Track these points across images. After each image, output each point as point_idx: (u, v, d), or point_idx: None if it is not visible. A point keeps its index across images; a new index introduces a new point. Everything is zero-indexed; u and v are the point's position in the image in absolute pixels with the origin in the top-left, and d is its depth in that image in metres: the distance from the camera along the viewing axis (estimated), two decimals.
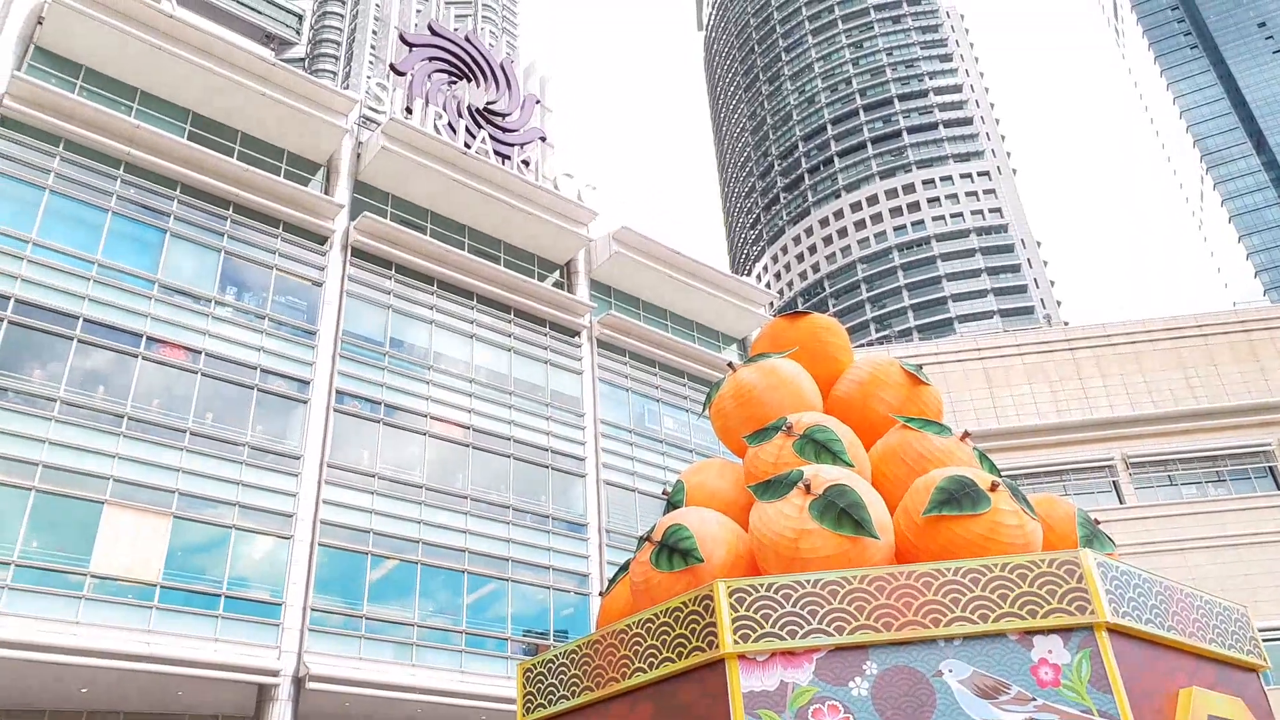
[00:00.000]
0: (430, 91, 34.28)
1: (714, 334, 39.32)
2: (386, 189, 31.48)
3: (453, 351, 30.43)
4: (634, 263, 36.10)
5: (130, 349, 23.87)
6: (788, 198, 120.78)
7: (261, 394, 25.58)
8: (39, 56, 26.01)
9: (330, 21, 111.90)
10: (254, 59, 29.25)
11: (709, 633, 5.11)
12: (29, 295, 22.91)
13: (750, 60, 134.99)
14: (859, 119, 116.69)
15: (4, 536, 20.48)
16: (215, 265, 26.56)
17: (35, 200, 24.18)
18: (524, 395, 31.15)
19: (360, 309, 28.89)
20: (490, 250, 33.53)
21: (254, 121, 28.89)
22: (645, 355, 35.66)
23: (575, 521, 30.19)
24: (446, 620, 26.05)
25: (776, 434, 6.48)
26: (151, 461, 22.90)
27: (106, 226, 25.08)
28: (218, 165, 27.13)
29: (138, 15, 26.99)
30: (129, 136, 25.88)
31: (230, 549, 23.26)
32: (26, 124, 24.68)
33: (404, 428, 27.96)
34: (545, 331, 33.17)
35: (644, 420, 34.50)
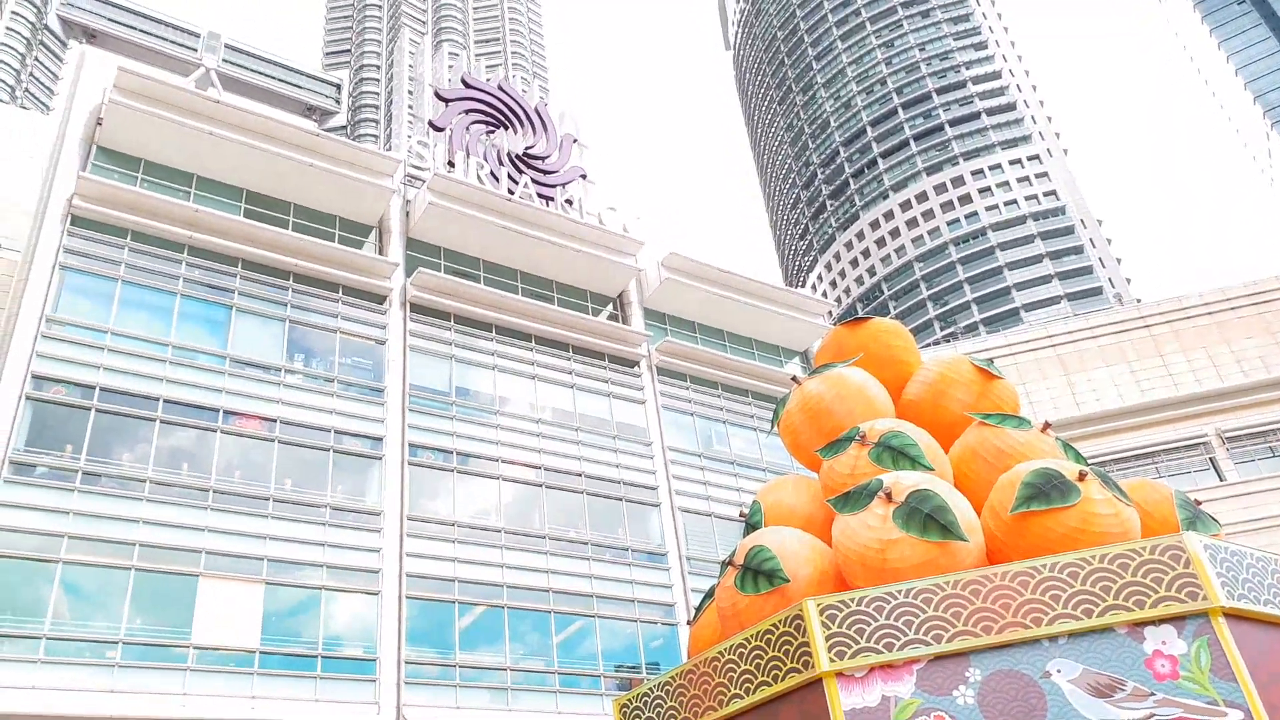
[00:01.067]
0: (470, 143, 34.92)
1: (774, 349, 39.07)
2: (438, 243, 32.07)
3: (517, 394, 30.72)
4: (685, 287, 36.13)
5: (209, 424, 24.58)
6: (834, 204, 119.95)
7: (337, 455, 26.09)
8: (101, 155, 27.17)
9: (367, 87, 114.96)
10: (299, 133, 30.17)
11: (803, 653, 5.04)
12: (112, 383, 23.77)
13: (781, 73, 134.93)
14: (898, 117, 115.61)
15: (110, 615, 21.13)
16: (281, 335, 27.27)
17: (109, 292, 25.15)
18: (590, 430, 31.27)
19: (424, 362, 29.36)
20: (543, 291, 33.88)
21: (305, 192, 29.72)
22: (706, 378, 35.56)
23: (654, 552, 30.09)
24: (538, 661, 26.09)
25: (850, 444, 6.40)
26: (239, 531, 23.47)
27: (176, 309, 25.95)
28: (275, 239, 27.95)
29: (187, 105, 28.08)
30: (190, 221, 26.82)
31: (322, 609, 23.65)
32: (95, 220, 25.74)
33: (477, 474, 28.25)
34: (605, 365, 33.31)
35: (712, 443, 34.34)
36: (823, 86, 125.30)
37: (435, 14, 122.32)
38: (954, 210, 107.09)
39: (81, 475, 22.39)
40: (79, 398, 23.28)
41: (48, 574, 21.02)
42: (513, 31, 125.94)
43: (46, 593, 20.82)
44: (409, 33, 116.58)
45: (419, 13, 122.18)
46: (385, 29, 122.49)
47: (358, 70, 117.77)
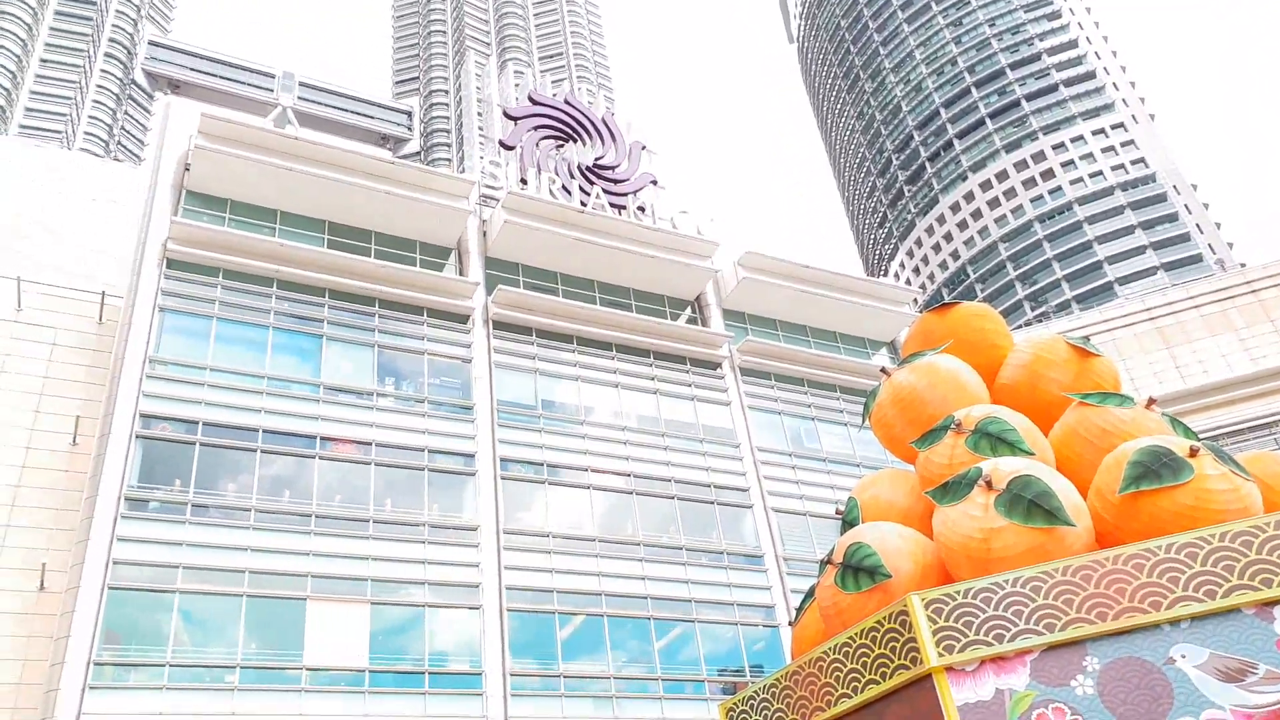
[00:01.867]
0: (540, 159, 35.35)
1: (859, 341, 38.46)
2: (515, 259, 32.51)
3: (601, 403, 30.91)
4: (764, 285, 35.86)
5: (307, 451, 25.35)
6: (912, 190, 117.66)
7: (432, 473, 26.62)
8: (190, 199, 28.34)
9: (437, 112, 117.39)
10: (375, 162, 30.99)
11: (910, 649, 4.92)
12: (213, 417, 24.73)
13: (848, 61, 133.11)
14: (972, 97, 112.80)
15: (226, 641, 21.94)
16: (371, 360, 27.99)
17: (206, 329, 26.19)
18: (677, 435, 31.24)
19: (509, 377, 29.78)
20: (621, 299, 34.04)
21: (385, 220, 30.47)
22: (792, 375, 35.19)
23: (750, 554, 29.87)
24: (641, 668, 26.14)
25: (946, 433, 6.25)
26: (343, 553, 24.14)
27: (269, 341, 26.87)
28: (359, 267, 28.72)
29: (267, 144, 29.11)
30: (277, 256, 27.75)
31: (426, 626, 24.14)
32: (189, 262, 26.84)
33: (568, 484, 28.49)
34: (687, 368, 33.26)
35: (802, 441, 33.95)
36: (891, 72, 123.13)
37: (499, 34, 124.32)
38: (1037, 187, 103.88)
39: (191, 507, 23.33)
40: (184, 433, 24.27)
41: (166, 604, 21.93)
42: (575, 44, 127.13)
43: (166, 622, 21.72)
44: (474, 55, 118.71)
45: (482, 34, 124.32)
46: (451, 53, 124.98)
47: (427, 96, 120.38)
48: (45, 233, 28.50)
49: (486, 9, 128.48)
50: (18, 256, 26.88)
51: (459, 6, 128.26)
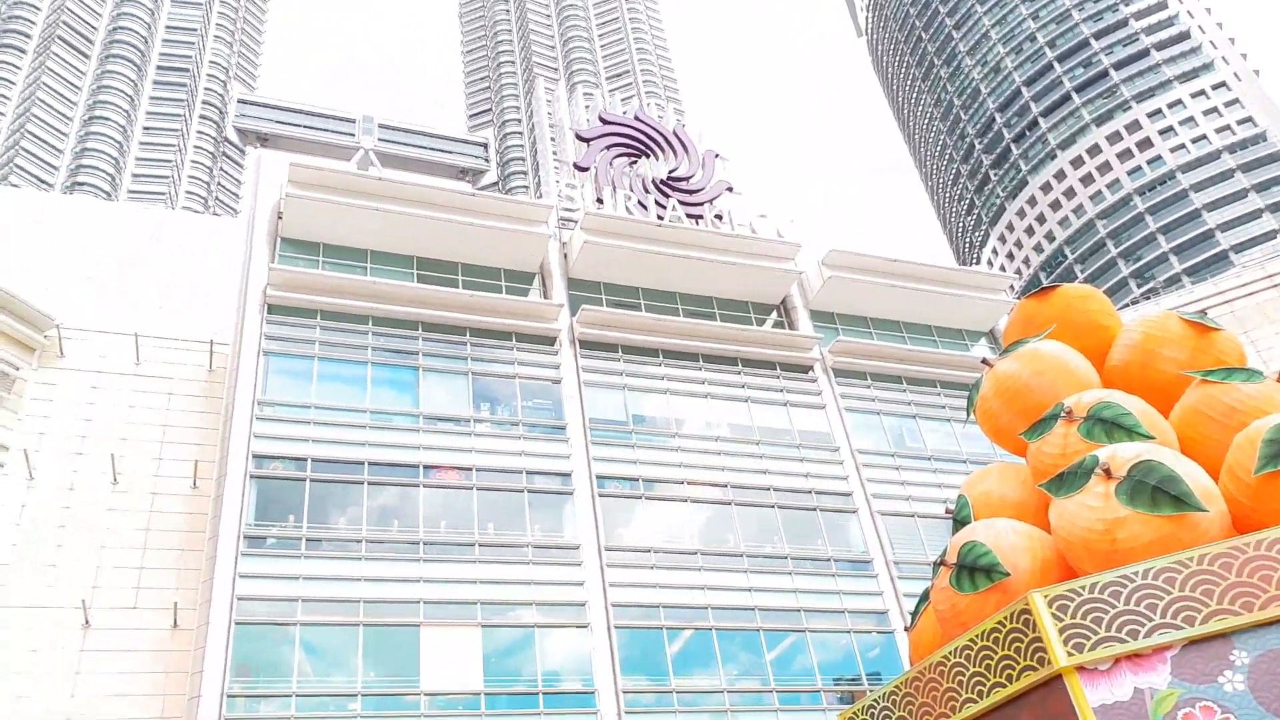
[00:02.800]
0: (615, 177, 35.59)
1: (956, 334, 37.47)
2: (597, 278, 32.75)
3: (692, 415, 30.80)
4: (851, 282, 35.27)
5: (411, 480, 25.94)
6: (998, 174, 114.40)
7: (531, 495, 26.92)
8: (285, 246, 29.44)
9: (512, 141, 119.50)
10: (456, 196, 31.74)
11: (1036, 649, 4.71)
12: (321, 453, 25.52)
13: (920, 49, 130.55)
14: (1054, 72, 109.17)
15: (346, 670, 22.54)
16: (466, 387, 28.53)
17: (308, 370, 27.11)
18: (772, 442, 30.89)
19: (599, 395, 29.94)
20: (705, 309, 33.92)
21: (469, 250, 31.09)
22: (888, 373, 34.47)
23: (858, 559, 29.27)
24: (754, 680, 25.83)
25: (1056, 422, 6.00)
26: (452, 578, 24.56)
27: (369, 377, 27.64)
28: (447, 298, 29.35)
29: (353, 187, 30.09)
30: (370, 293, 28.57)
31: (537, 646, 24.35)
32: (288, 306, 27.85)
33: (665, 498, 28.43)
34: (777, 374, 32.90)
35: (904, 441, 33.17)
36: (967, 55, 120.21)
37: (565, 58, 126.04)
38: (1133, 158, 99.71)
39: (305, 541, 24.09)
40: (295, 470, 25.10)
41: (289, 636, 22.66)
42: (641, 59, 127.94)
43: (290, 653, 22.44)
44: (543, 81, 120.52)
45: (549, 60, 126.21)
46: (521, 82, 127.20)
47: (501, 126, 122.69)
48: (157, 288, 29.95)
49: (552, 35, 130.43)
50: (134, 313, 28.28)
51: (525, 36, 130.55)
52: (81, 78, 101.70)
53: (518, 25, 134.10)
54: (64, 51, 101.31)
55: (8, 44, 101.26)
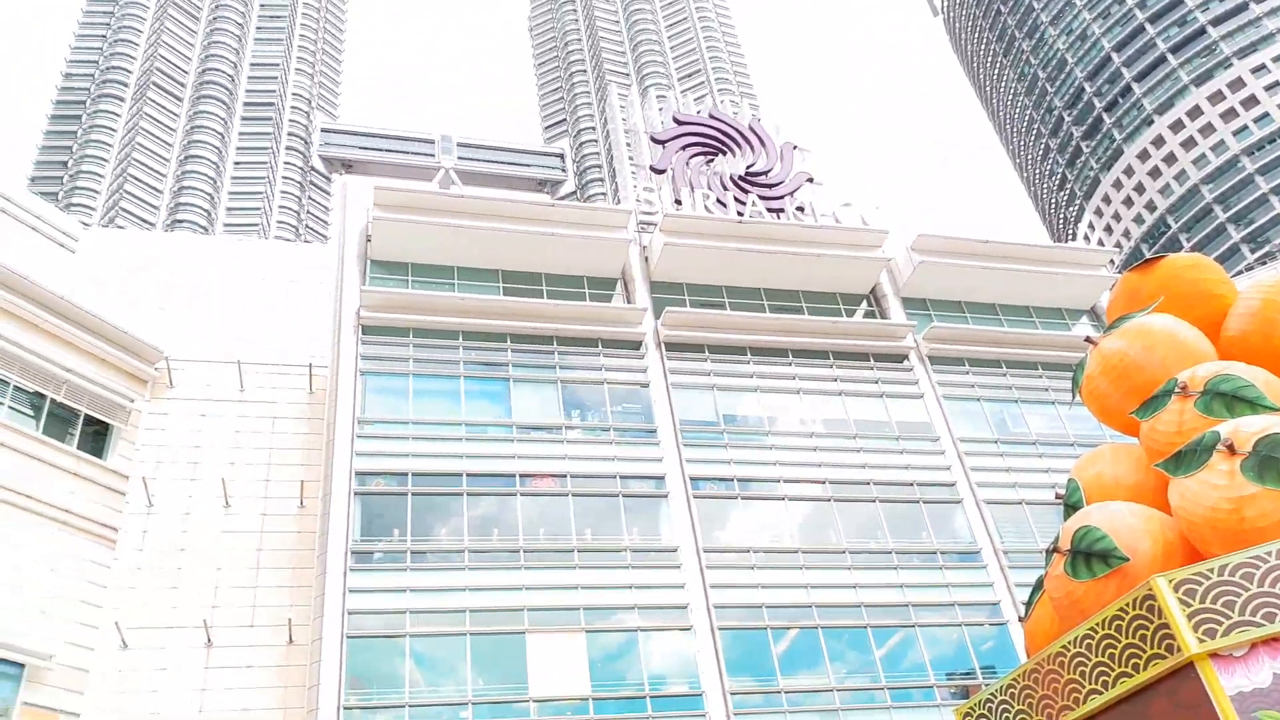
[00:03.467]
0: (692, 177, 35.50)
1: (1056, 313, 36.20)
2: (680, 280, 32.70)
3: (784, 412, 30.47)
4: (942, 267, 34.41)
5: (508, 489, 26.32)
6: (1090, 145, 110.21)
7: (626, 499, 27.02)
8: (375, 268, 30.26)
9: (588, 150, 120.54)
10: (536, 207, 32.16)
11: (1163, 636, 4.48)
12: (421, 467, 26.11)
13: (1000, 23, 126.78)
14: (1147, 34, 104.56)
15: (457, 679, 22.98)
16: (556, 396, 28.83)
17: (404, 387, 27.80)
18: (869, 435, 30.32)
19: (688, 397, 29.87)
20: (791, 303, 33.52)
21: (552, 260, 31.42)
22: (986, 358, 33.50)
23: (965, 550, 28.50)
24: (863, 678, 25.38)
25: (1170, 398, 5.71)
26: (553, 585, 24.82)
27: (462, 390, 28.18)
28: (533, 309, 29.74)
29: (437, 206, 30.76)
30: (459, 309, 29.14)
31: (641, 650, 24.41)
32: (382, 326, 28.61)
33: (762, 497, 28.18)
34: (870, 365, 32.29)
35: (1007, 426, 32.15)
36: (1050, 25, 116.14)
37: (636, 63, 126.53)
38: (1238, 117, 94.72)
39: (410, 554, 24.66)
40: (396, 485, 25.75)
41: (399, 648, 23.23)
42: (712, 57, 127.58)
43: (400, 665, 22.99)
44: (616, 87, 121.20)
45: (620, 66, 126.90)
46: (593, 90, 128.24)
47: (576, 136, 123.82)
48: (256, 316, 31.11)
49: (622, 41, 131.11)
50: (238, 342, 29.45)
51: (595, 44, 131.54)
52: (175, 119, 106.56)
53: (587, 34, 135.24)
54: (159, 96, 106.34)
55: (108, 94, 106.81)
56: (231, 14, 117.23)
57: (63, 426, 24.92)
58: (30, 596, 21.84)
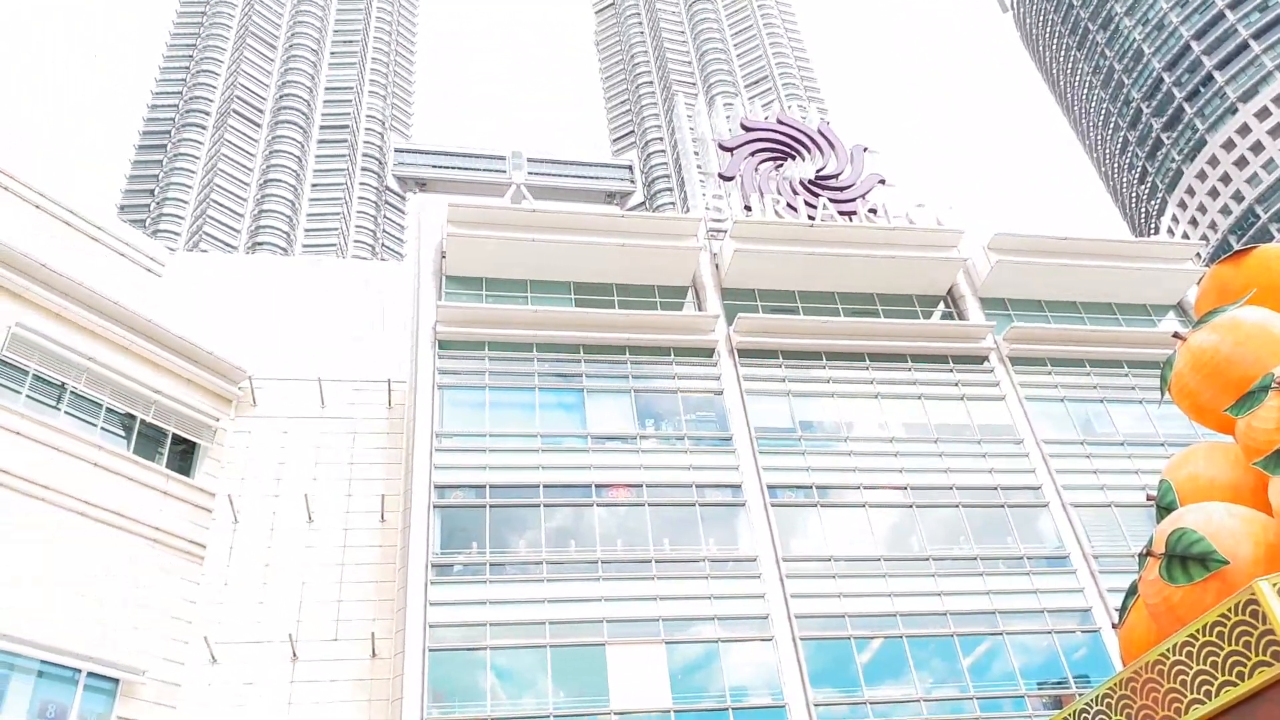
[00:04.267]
0: (761, 182, 35.32)
1: (1140, 309, 34.99)
2: (751, 286, 32.52)
3: (862, 417, 30.01)
4: (1020, 266, 33.57)
5: (585, 500, 26.43)
6: (1171, 136, 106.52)
7: (703, 508, 26.90)
8: (450, 283, 30.78)
9: (656, 160, 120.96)
10: (606, 219, 32.41)
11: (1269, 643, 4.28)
12: (498, 479, 26.41)
13: (1072, 16, 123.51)
14: (1227, 20, 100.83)
15: (537, 691, 23.11)
16: (630, 405, 28.89)
17: (480, 400, 28.20)
18: (951, 439, 29.67)
19: (763, 404, 29.64)
20: (866, 306, 33.05)
21: (623, 270, 31.56)
22: (1069, 357, 32.53)
23: (1053, 556, 27.65)
24: (951, 689, 24.76)
25: (1267, 394, 5.47)
26: (632, 596, 24.81)
27: (537, 402, 28.45)
28: (605, 319, 29.89)
29: (509, 221, 31.20)
30: (532, 322, 29.46)
31: (721, 661, 24.22)
32: (458, 341, 29.08)
33: (841, 505, 27.77)
34: (950, 368, 31.63)
35: (1093, 427, 31.15)
36: (1125, 15, 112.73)
37: (702, 71, 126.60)
38: None
39: (489, 566, 24.94)
40: (475, 498, 26.08)
41: (480, 660, 23.47)
42: (779, 63, 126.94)
43: (482, 677, 23.22)
44: (682, 96, 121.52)
45: (686, 75, 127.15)
46: (660, 100, 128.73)
47: (644, 147, 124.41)
48: (336, 333, 31.93)
49: (687, 50, 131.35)
50: (318, 360, 30.24)
51: (661, 54, 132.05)
52: (255, 144, 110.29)
53: (653, 45, 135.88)
54: (239, 123, 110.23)
55: (191, 122, 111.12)
56: (307, 40, 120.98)
57: (152, 446, 25.86)
58: (122, 612, 22.63)
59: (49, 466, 22.63)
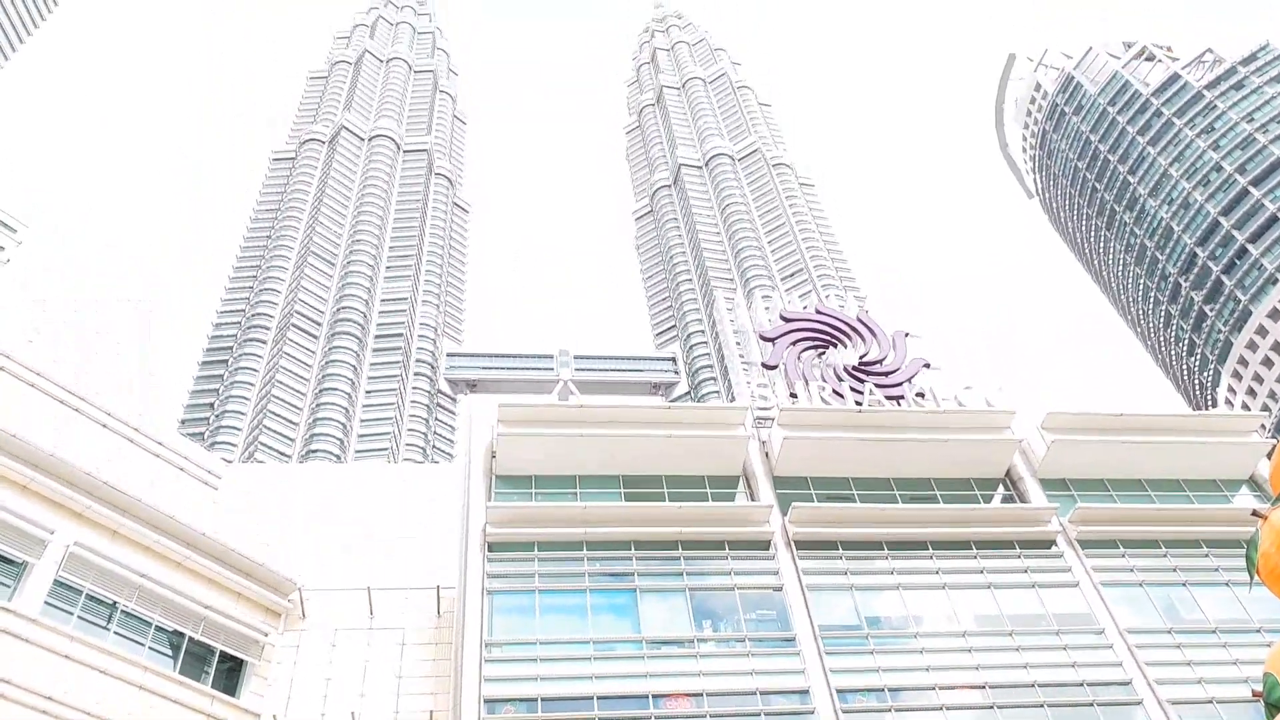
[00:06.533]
0: (805, 370, 35.44)
1: (1210, 485, 33.59)
2: (803, 474, 31.91)
3: (931, 610, 28.50)
4: (1078, 444, 32.70)
5: (642, 712, 24.83)
6: (1214, 308, 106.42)
7: (769, 718, 25.15)
8: (500, 483, 30.62)
9: (699, 351, 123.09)
10: (652, 411, 32.53)
11: None
12: (550, 691, 25.01)
13: (1097, 199, 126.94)
14: (1253, 196, 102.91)
15: None
16: (685, 605, 27.75)
17: (530, 605, 27.28)
18: (1026, 630, 27.92)
19: (825, 599, 28.34)
20: (924, 492, 32.16)
21: (671, 461, 31.25)
22: (1141, 538, 31.00)
23: None
24: None
25: None
26: None
27: (588, 604, 27.46)
28: (656, 513, 29.30)
29: (558, 418, 31.42)
30: (582, 519, 28.95)
31: None
32: (508, 542, 28.52)
33: (917, 708, 25.82)
34: (1017, 554, 30.24)
35: (1178, 613, 29.19)
36: (1149, 196, 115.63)
37: (739, 267, 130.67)
38: None
39: None
40: (526, 713, 24.68)
41: None
42: (812, 255, 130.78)
43: None
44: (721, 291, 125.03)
45: (724, 271, 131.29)
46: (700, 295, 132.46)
47: (686, 339, 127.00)
48: (385, 539, 31.65)
49: (723, 247, 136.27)
50: (368, 567, 29.83)
51: (698, 252, 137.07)
52: (311, 355, 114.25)
53: (690, 244, 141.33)
54: (297, 336, 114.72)
55: (252, 337, 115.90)
56: (364, 256, 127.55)
57: (199, 665, 25.22)
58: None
59: (95, 691, 22.10)
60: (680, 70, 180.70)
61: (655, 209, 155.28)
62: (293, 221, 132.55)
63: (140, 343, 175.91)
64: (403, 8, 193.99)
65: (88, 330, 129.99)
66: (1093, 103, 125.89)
